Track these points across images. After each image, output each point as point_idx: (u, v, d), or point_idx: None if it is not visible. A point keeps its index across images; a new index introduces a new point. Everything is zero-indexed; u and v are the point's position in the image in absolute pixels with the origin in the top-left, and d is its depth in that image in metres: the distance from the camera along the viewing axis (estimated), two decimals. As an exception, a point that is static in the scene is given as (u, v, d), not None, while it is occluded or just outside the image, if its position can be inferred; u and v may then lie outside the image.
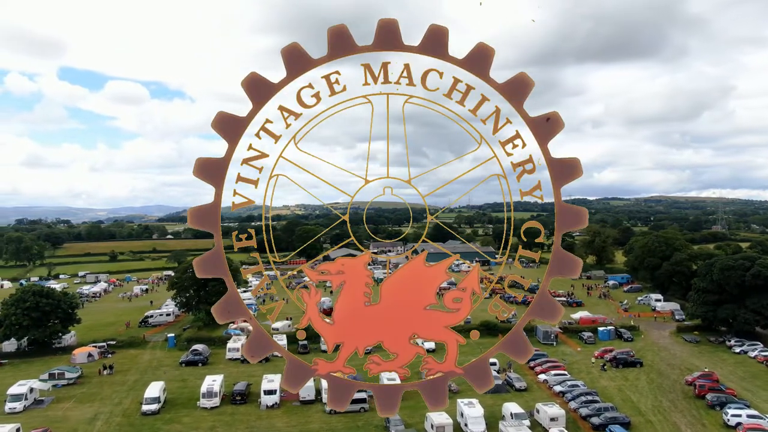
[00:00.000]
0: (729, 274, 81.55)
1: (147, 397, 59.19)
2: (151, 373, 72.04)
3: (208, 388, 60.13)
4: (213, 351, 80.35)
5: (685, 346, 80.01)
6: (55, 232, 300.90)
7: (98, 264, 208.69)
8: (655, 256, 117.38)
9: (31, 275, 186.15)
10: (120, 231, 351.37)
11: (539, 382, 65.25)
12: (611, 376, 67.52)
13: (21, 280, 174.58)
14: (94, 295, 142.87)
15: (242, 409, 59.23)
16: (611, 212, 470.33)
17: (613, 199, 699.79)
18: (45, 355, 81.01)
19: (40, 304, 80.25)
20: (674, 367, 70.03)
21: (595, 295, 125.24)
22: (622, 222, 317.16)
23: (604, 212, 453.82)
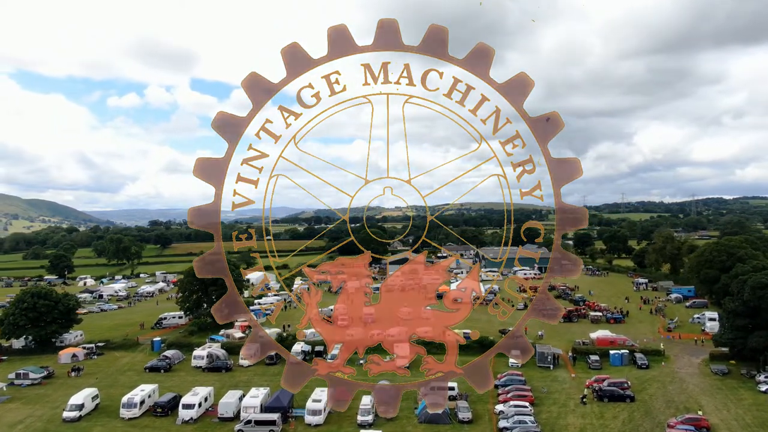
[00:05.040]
0: (763, 293, 67.75)
1: (70, 403, 58.17)
2: (113, 378, 71.80)
3: (128, 398, 58.53)
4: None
5: (705, 379, 68.48)
6: (166, 234, 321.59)
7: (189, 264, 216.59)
8: (714, 267, 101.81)
9: (122, 274, 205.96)
10: (228, 231, 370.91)
11: (493, 414, 57.56)
12: (585, 412, 58.41)
13: (103, 278, 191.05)
14: (148, 295, 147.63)
15: (159, 422, 56.99)
16: (747, 213, 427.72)
17: (754, 198, 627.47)
18: (45, 353, 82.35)
19: (38, 304, 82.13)
20: (672, 405, 59.93)
21: (649, 309, 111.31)
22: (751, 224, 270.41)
23: (740, 213, 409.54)
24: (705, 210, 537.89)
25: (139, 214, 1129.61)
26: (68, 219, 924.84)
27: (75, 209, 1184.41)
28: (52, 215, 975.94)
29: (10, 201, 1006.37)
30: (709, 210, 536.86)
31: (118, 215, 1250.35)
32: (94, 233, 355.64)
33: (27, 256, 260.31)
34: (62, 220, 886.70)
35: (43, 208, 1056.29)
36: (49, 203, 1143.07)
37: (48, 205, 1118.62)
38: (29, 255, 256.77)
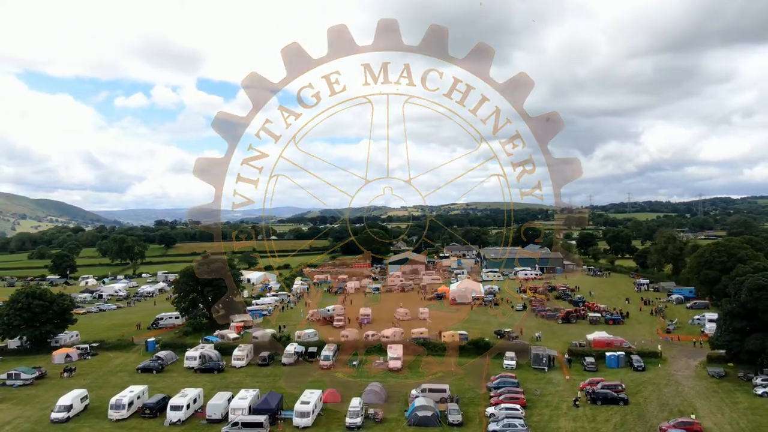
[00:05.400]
0: (760, 295, 66.09)
1: (59, 404, 57.89)
2: (105, 379, 71.46)
3: (117, 400, 58.00)
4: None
5: (702, 382, 67.21)
6: (170, 233, 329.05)
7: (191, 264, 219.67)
8: (714, 268, 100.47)
9: (124, 274, 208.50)
10: (230, 232, 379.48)
11: (484, 416, 56.58)
12: (577, 415, 57.19)
13: (104, 278, 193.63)
14: (148, 295, 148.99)
15: (147, 424, 56.43)
16: (755, 212, 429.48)
17: (762, 197, 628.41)
18: (40, 353, 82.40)
19: (32, 305, 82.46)
20: (666, 408, 58.69)
21: (650, 310, 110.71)
22: (758, 224, 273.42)
23: (747, 213, 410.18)
24: (712, 210, 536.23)
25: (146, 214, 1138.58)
26: (76, 219, 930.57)
27: (82, 209, 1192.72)
28: (60, 215, 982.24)
29: (18, 201, 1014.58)
30: (716, 210, 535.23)
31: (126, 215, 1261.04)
32: (99, 233, 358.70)
33: (32, 256, 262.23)
34: (69, 219, 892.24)
35: (50, 208, 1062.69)
36: (57, 203, 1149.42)
37: (55, 205, 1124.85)
38: (34, 255, 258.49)
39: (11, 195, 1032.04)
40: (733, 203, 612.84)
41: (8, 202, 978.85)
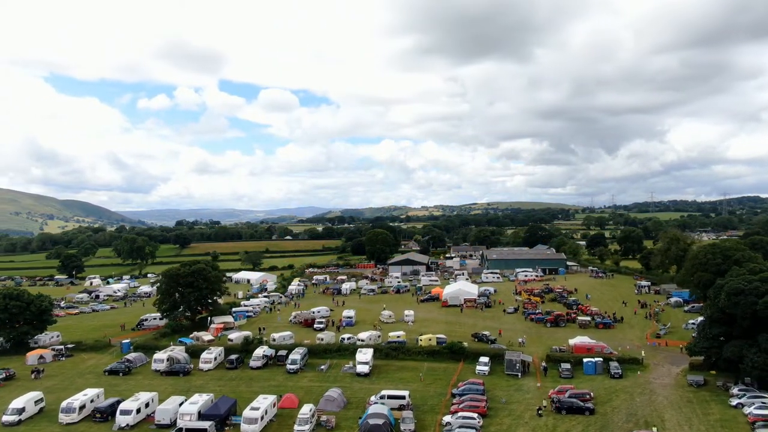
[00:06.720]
0: (738, 300, 62.69)
1: (11, 407, 56.58)
2: (70, 381, 70.82)
3: (68, 404, 56.53)
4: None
5: (678, 390, 64.19)
6: (185, 234, 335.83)
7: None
8: (708, 270, 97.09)
9: (130, 274, 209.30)
10: (246, 231, 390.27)
11: (439, 425, 54.47)
12: (537, 425, 54.57)
13: (109, 278, 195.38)
14: (146, 295, 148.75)
15: (96, 428, 55.03)
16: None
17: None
18: (18, 353, 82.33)
19: (9, 305, 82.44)
20: (632, 419, 55.68)
21: (645, 313, 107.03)
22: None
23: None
24: (739, 209, 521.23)
25: (171, 214, 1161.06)
26: (101, 219, 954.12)
27: (108, 209, 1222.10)
28: (86, 215, 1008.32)
29: (46, 202, 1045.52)
30: (743, 209, 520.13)
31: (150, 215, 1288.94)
32: (118, 233, 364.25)
33: (50, 256, 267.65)
34: (95, 220, 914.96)
35: (77, 209, 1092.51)
36: (83, 204, 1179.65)
37: (82, 205, 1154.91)
38: (52, 255, 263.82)
39: (40, 196, 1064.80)
40: (762, 202, 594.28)
41: (37, 203, 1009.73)
